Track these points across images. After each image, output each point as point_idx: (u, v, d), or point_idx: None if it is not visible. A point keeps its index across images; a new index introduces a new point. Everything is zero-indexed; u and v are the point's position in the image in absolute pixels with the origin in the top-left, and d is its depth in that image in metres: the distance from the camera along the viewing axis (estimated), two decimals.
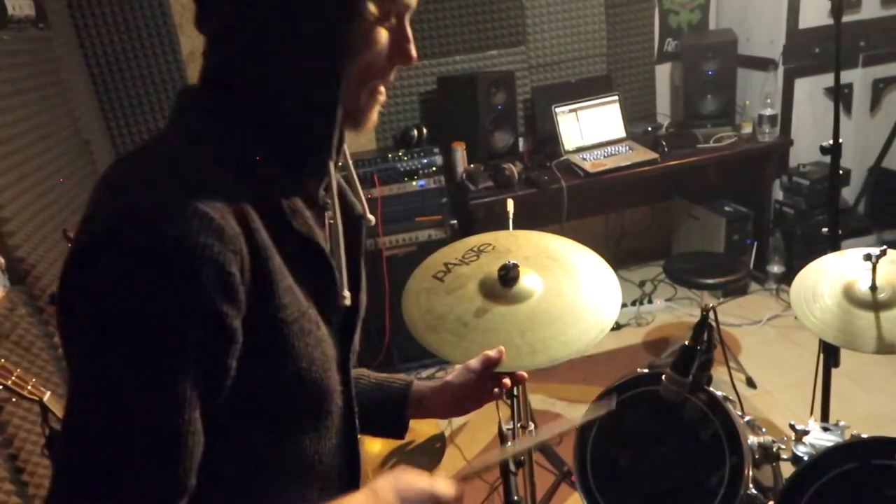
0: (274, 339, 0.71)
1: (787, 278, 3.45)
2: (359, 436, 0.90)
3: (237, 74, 0.73)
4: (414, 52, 0.77)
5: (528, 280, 1.41)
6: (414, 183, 3.09)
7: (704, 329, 1.33)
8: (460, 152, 3.25)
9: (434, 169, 3.11)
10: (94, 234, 0.63)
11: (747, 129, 3.46)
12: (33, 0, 2.53)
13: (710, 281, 2.90)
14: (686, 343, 1.36)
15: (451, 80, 3.38)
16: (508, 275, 1.36)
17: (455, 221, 3.09)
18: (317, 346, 0.75)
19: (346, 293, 0.80)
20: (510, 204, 2.03)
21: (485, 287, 1.37)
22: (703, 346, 1.33)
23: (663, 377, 1.43)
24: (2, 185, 1.88)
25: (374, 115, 0.80)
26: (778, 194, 3.59)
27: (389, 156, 3.08)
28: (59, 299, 0.66)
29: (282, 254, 0.72)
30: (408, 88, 3.44)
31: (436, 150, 3.13)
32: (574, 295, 1.42)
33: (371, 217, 0.89)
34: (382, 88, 0.78)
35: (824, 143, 1.83)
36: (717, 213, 3.60)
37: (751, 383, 2.89)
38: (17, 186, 1.97)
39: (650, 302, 3.64)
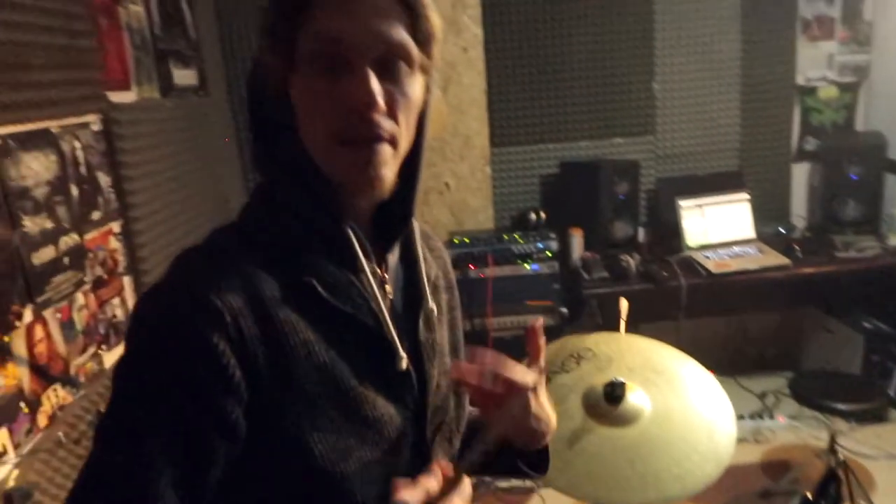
0: (303, 419, 0.69)
1: None
2: None
3: (256, 166, 0.79)
4: (355, 94, 0.68)
5: (634, 398, 1.34)
6: (527, 266, 3.07)
7: (831, 484, 1.19)
8: (577, 239, 3.20)
9: (549, 254, 3.08)
10: (132, 310, 0.71)
11: (894, 240, 3.18)
12: (197, 71, 2.80)
13: (842, 406, 2.63)
14: (808, 496, 1.22)
15: (574, 166, 3.37)
16: (615, 393, 1.29)
17: (566, 309, 3.02)
18: (370, 425, 0.73)
19: (403, 354, 0.77)
20: (623, 304, 1.95)
21: (588, 402, 1.31)
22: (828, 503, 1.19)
23: None
24: (146, 240, 2.04)
25: (368, 182, 0.71)
26: None
27: (505, 236, 3.09)
28: None
29: (321, 331, 0.71)
30: (529, 171, 3.47)
31: (552, 234, 3.10)
32: (685, 419, 1.33)
33: (432, 305, 0.84)
34: (355, 136, 0.70)
35: None
36: (855, 328, 3.30)
37: None
38: (160, 242, 2.13)
39: (771, 417, 3.35)
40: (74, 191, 1.69)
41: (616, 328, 1.76)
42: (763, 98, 3.52)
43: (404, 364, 0.77)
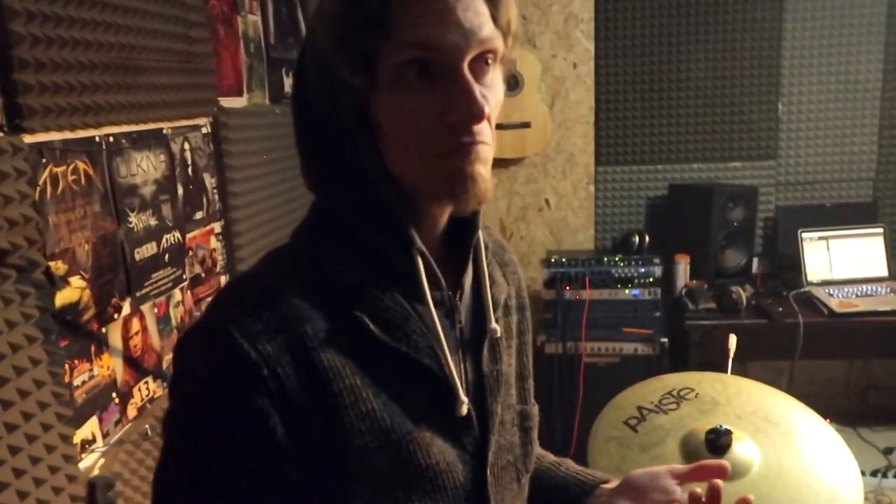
0: (352, 469, 0.64)
1: None
2: None
3: (313, 187, 0.74)
4: (462, 107, 0.62)
5: (742, 449, 1.20)
6: (627, 291, 2.92)
7: None
8: (683, 266, 3.01)
9: (651, 280, 2.92)
10: (174, 351, 0.70)
11: None
12: None
13: None
14: None
15: (685, 189, 3.19)
16: (719, 441, 1.16)
17: (666, 340, 2.84)
18: (422, 474, 0.67)
19: (464, 398, 0.69)
20: (732, 341, 1.79)
21: (687, 449, 1.18)
22: None
23: None
24: (245, 241, 2.08)
25: (469, 180, 0.65)
26: None
27: (605, 259, 2.95)
28: None
29: (372, 373, 0.66)
30: (635, 192, 3.31)
31: (656, 259, 2.94)
32: (801, 479, 1.18)
33: (496, 327, 0.76)
34: (454, 146, 0.64)
35: None
36: None
37: None
38: (259, 243, 2.17)
39: None
40: (180, 190, 1.74)
41: (720, 366, 1.62)
42: None
43: (465, 409, 0.70)
